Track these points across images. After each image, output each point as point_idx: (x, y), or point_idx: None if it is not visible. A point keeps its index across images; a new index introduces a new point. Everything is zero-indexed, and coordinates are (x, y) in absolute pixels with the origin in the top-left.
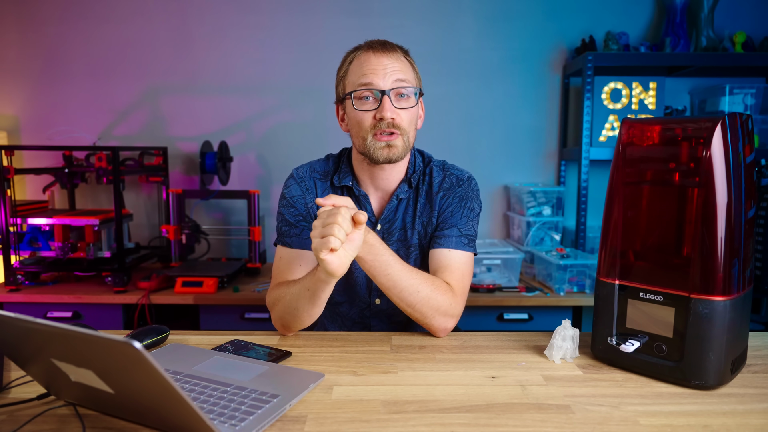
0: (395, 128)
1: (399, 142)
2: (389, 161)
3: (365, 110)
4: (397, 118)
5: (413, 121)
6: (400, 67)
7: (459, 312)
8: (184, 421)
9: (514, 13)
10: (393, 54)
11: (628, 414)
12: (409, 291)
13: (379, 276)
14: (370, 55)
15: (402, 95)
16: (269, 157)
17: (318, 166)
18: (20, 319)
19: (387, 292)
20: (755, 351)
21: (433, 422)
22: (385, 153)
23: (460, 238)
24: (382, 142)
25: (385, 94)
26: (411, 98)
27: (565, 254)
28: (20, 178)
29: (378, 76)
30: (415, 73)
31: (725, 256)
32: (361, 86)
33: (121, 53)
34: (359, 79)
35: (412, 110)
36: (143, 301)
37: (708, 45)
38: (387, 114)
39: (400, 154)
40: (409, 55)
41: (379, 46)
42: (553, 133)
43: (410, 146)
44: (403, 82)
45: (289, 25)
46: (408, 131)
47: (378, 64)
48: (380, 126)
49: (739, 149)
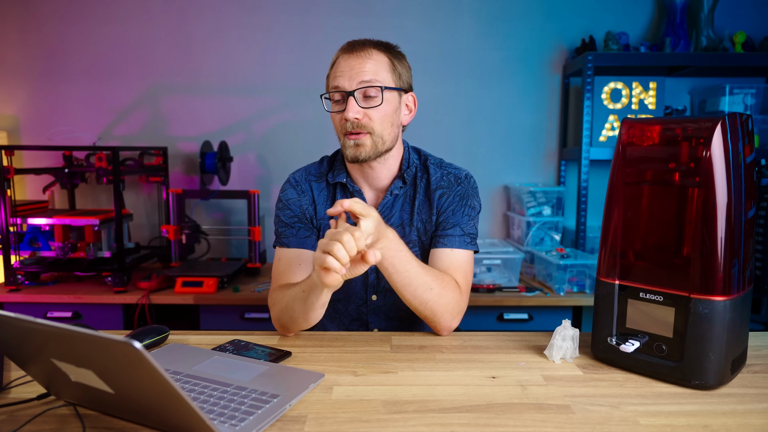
0: (361, 128)
1: (367, 141)
2: (357, 160)
3: (335, 111)
4: (364, 118)
5: (385, 119)
6: (371, 67)
7: (464, 309)
8: (184, 421)
9: (514, 14)
10: (362, 54)
11: (628, 414)
12: (423, 288)
13: (395, 273)
14: (342, 58)
15: (368, 96)
16: (269, 157)
17: (313, 168)
18: (20, 319)
19: (401, 290)
20: (755, 351)
21: (433, 422)
22: (352, 152)
23: (463, 237)
24: (351, 141)
25: (350, 95)
26: (377, 97)
27: (565, 254)
28: (20, 178)
29: (344, 78)
30: (393, 70)
31: (725, 256)
32: (332, 88)
33: (121, 53)
34: (331, 81)
35: (381, 108)
36: (143, 301)
37: (708, 45)
38: (349, 115)
39: (368, 152)
40: (391, 50)
41: (348, 48)
42: (553, 133)
43: (386, 144)
44: (368, 83)
45: (289, 25)
46: (379, 130)
47: (345, 66)
48: (346, 127)
49: (739, 149)
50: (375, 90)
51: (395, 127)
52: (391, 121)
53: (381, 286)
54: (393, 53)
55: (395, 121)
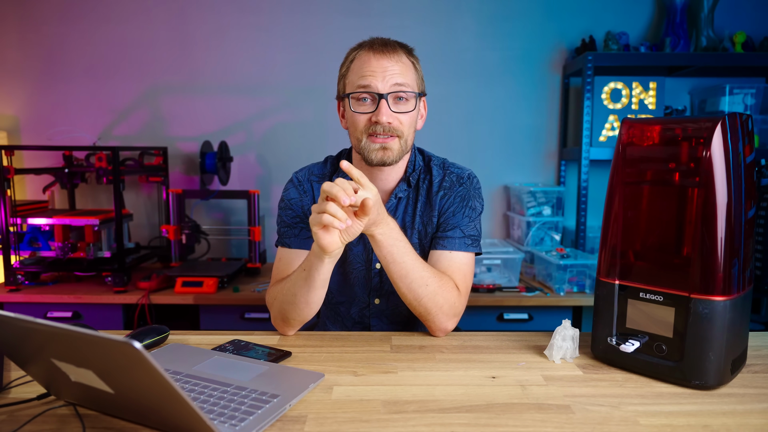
0: (392, 131)
1: (395, 145)
2: (383, 164)
3: (362, 112)
4: (395, 122)
5: (412, 125)
6: (401, 70)
7: (461, 312)
8: (184, 421)
9: (514, 14)
10: (394, 55)
11: (628, 414)
12: (419, 283)
13: (393, 263)
14: (370, 56)
15: (400, 98)
16: (269, 157)
17: (316, 169)
18: (20, 319)
19: (397, 281)
20: (755, 351)
21: (433, 422)
22: (379, 155)
23: (463, 239)
24: (376, 144)
25: (383, 98)
26: (410, 102)
27: (565, 254)
28: (20, 178)
29: (377, 78)
30: (417, 74)
31: (725, 256)
32: (360, 88)
33: (121, 53)
34: (358, 80)
35: (411, 114)
36: (143, 301)
37: (708, 45)
38: (383, 119)
39: (395, 157)
40: (412, 54)
41: (380, 47)
42: (553, 133)
43: (408, 149)
44: (402, 86)
45: (289, 25)
46: (406, 135)
47: (378, 66)
48: (375, 129)
49: (739, 149)
50: (408, 94)
51: (414, 132)
52: (415, 125)
53: (384, 289)
54: (414, 56)
55: (417, 125)
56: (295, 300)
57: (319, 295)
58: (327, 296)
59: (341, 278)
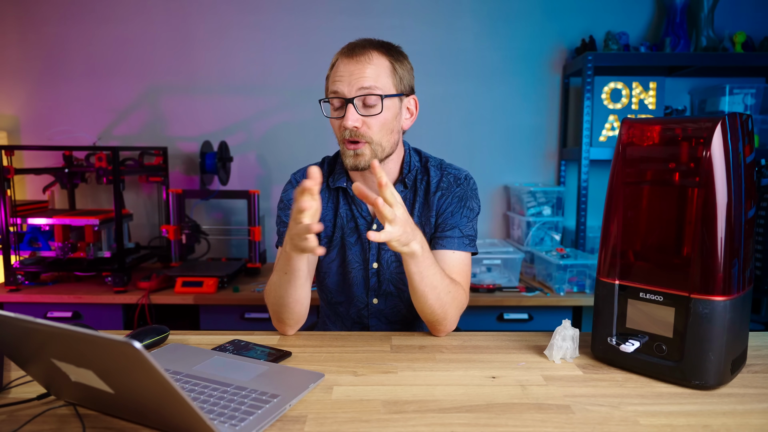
0: (360, 137)
1: (366, 151)
2: (356, 169)
3: (334, 117)
4: (362, 127)
5: (384, 127)
6: (371, 72)
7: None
8: (184, 421)
9: (514, 14)
10: (362, 58)
11: (628, 414)
12: (446, 291)
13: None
14: (341, 61)
15: (368, 104)
16: (269, 157)
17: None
18: (20, 319)
19: (427, 292)
20: (755, 351)
21: (433, 422)
22: (352, 161)
23: (462, 239)
24: (350, 150)
25: (349, 103)
26: (377, 106)
27: (565, 254)
28: (20, 178)
29: (344, 83)
30: (396, 75)
31: (725, 256)
32: (331, 93)
33: (121, 53)
34: (331, 85)
35: (380, 117)
36: (143, 301)
37: (708, 45)
38: (348, 123)
39: (367, 161)
40: (393, 53)
41: (348, 51)
42: (553, 133)
43: (386, 151)
44: (369, 89)
45: (289, 25)
46: (378, 139)
47: (345, 70)
48: (344, 135)
49: (739, 149)
50: (374, 98)
51: (395, 133)
52: (391, 127)
53: (382, 289)
54: (394, 55)
55: (395, 127)
56: (284, 301)
57: (307, 289)
58: (326, 296)
59: (340, 278)
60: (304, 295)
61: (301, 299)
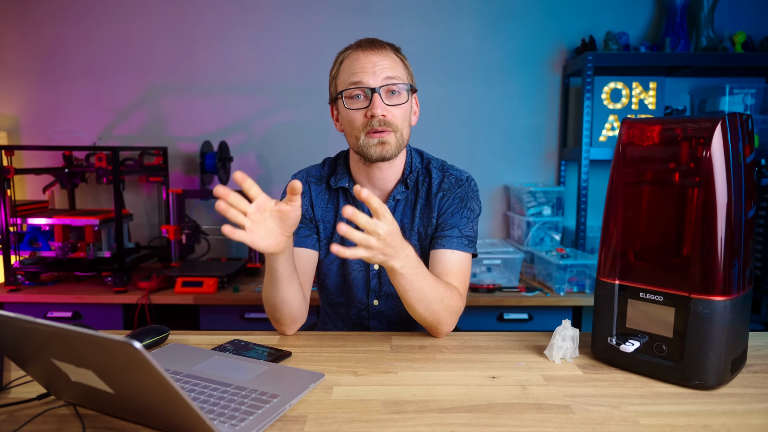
0: (387, 125)
1: (392, 139)
2: (382, 159)
3: (356, 108)
4: (389, 115)
5: (406, 118)
6: (390, 64)
7: (461, 312)
8: (184, 421)
9: (514, 14)
10: (382, 51)
11: (628, 414)
12: (436, 301)
13: (412, 290)
14: (359, 54)
15: (393, 92)
16: (269, 157)
17: (314, 170)
18: (20, 319)
19: (414, 305)
20: (755, 351)
21: (433, 422)
22: (378, 150)
23: (461, 239)
24: (374, 139)
25: (375, 92)
26: (402, 94)
27: (565, 254)
28: (20, 178)
29: (367, 74)
30: (407, 70)
31: (725, 256)
32: (352, 85)
33: (121, 53)
34: (349, 77)
35: (404, 106)
36: (143, 301)
37: (708, 45)
38: (377, 111)
39: (393, 151)
40: (400, 51)
41: (367, 45)
42: (553, 133)
43: (404, 143)
44: (392, 79)
45: (289, 25)
46: (401, 128)
47: (367, 62)
48: (372, 124)
49: (739, 149)
50: (400, 86)
51: (409, 127)
52: (409, 120)
53: (383, 291)
54: (402, 55)
55: (410, 120)
56: (271, 301)
57: (293, 291)
58: (326, 297)
59: (340, 279)
60: (291, 297)
61: (288, 300)
